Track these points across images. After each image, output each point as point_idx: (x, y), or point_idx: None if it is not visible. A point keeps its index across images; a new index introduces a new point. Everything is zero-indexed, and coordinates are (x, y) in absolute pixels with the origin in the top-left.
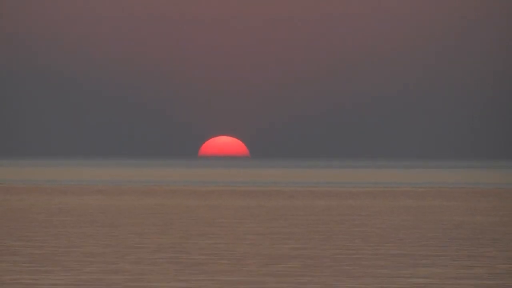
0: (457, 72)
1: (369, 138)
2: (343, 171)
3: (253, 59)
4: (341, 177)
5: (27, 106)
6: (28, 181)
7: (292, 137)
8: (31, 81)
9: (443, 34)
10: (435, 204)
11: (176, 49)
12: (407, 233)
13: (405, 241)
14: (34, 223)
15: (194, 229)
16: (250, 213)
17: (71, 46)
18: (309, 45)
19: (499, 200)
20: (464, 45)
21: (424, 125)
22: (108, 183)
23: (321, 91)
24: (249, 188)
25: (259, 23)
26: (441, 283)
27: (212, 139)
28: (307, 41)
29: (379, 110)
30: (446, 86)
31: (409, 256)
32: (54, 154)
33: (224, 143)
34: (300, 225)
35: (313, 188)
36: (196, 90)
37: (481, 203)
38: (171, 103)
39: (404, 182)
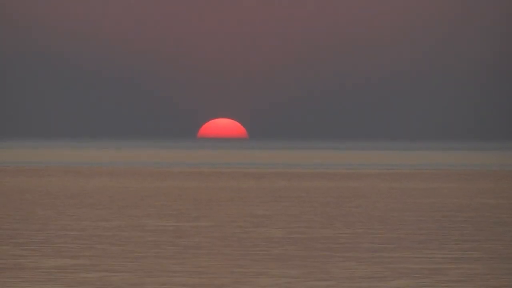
0: (455, 56)
1: (368, 120)
2: (342, 152)
3: (250, 41)
4: (339, 159)
5: (27, 89)
6: (26, 163)
7: (290, 118)
8: (32, 63)
9: (443, 20)
10: (434, 186)
11: (175, 32)
12: (409, 216)
13: (405, 223)
14: (32, 205)
15: (192, 211)
16: (248, 195)
17: (73, 29)
18: (307, 26)
19: (498, 182)
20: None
21: (422, 107)
22: (107, 165)
23: (319, 72)
24: (247, 169)
25: (256, 4)
26: (438, 267)
27: (211, 121)
28: (305, 22)
29: (378, 91)
30: (444, 71)
31: (408, 239)
32: (57, 135)
33: (222, 125)
34: (297, 207)
35: (311, 170)
36: (195, 73)
37: (480, 185)
38: (170, 85)
39: (404, 164)
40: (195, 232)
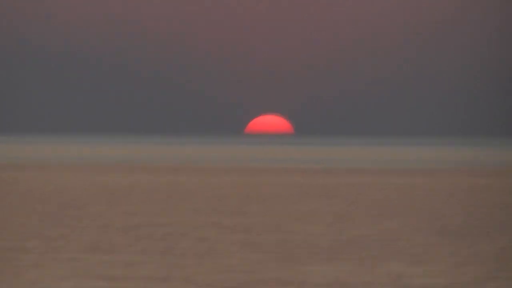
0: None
1: (414, 115)
2: (387, 147)
3: (294, 38)
4: (383, 154)
5: (65, 85)
6: (69, 158)
7: (336, 114)
8: (64, 56)
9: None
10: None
11: (223, 28)
12: (461, 210)
13: (459, 218)
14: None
15: (236, 206)
16: (294, 191)
17: (100, 21)
18: (352, 21)
19: (495, 178)
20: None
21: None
22: (154, 161)
23: (364, 66)
24: (293, 165)
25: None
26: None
27: (259, 117)
28: (352, 17)
29: (422, 86)
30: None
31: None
32: (109, 130)
33: (269, 121)
34: (340, 204)
35: (357, 166)
36: (242, 71)
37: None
38: (219, 82)
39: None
40: (237, 227)
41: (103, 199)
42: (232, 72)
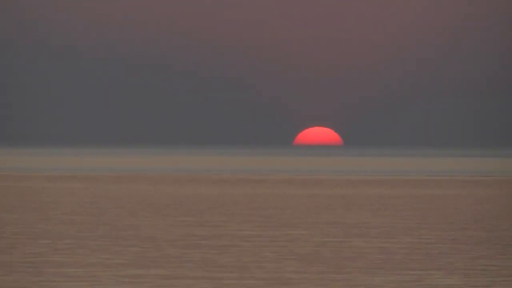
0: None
1: (450, 127)
2: (436, 159)
3: (343, 48)
4: (432, 166)
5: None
6: (114, 169)
7: (384, 125)
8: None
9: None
10: None
11: (274, 40)
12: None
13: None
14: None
15: (285, 219)
16: (341, 202)
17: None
18: (401, 35)
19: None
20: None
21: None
22: (203, 172)
23: (411, 79)
24: (343, 176)
25: (354, 10)
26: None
27: (307, 129)
28: (401, 31)
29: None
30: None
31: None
32: (154, 143)
33: (318, 133)
34: (393, 216)
35: (405, 177)
36: (291, 82)
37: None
38: (267, 94)
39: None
40: (287, 240)
41: (151, 210)
42: (281, 84)
